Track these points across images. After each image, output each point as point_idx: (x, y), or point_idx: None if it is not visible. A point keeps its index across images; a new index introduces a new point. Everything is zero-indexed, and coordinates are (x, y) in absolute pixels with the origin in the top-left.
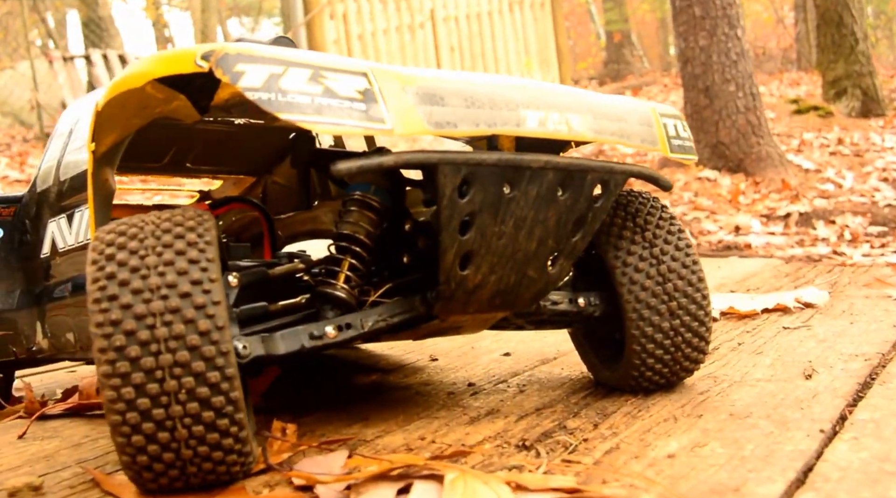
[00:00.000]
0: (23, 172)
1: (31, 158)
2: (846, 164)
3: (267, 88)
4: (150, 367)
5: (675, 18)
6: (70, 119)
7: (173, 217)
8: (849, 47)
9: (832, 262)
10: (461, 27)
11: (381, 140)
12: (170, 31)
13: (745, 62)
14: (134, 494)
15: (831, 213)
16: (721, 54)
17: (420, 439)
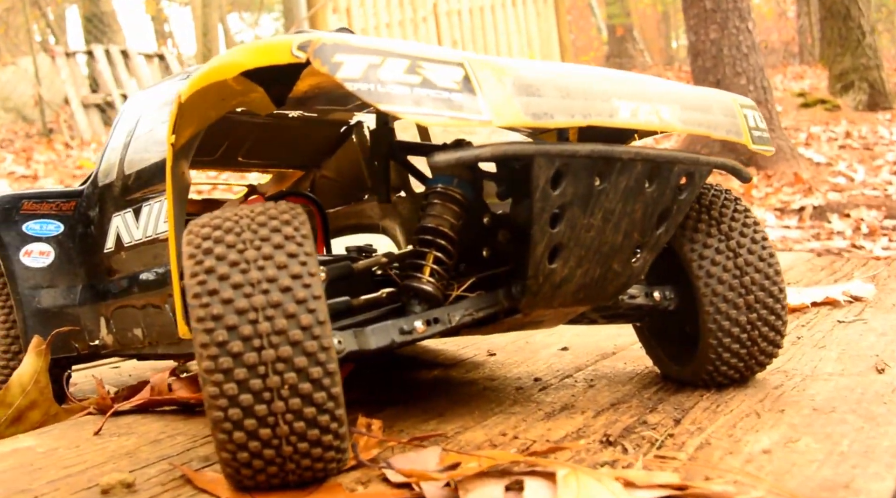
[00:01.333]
0: (29, 168)
1: (36, 154)
2: (856, 157)
3: (366, 79)
4: (252, 362)
5: (686, 11)
6: (132, 113)
7: (267, 210)
8: (856, 40)
9: (861, 255)
10: (464, 21)
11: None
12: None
13: (756, 55)
14: (229, 490)
15: (845, 206)
16: (732, 47)
17: (501, 435)
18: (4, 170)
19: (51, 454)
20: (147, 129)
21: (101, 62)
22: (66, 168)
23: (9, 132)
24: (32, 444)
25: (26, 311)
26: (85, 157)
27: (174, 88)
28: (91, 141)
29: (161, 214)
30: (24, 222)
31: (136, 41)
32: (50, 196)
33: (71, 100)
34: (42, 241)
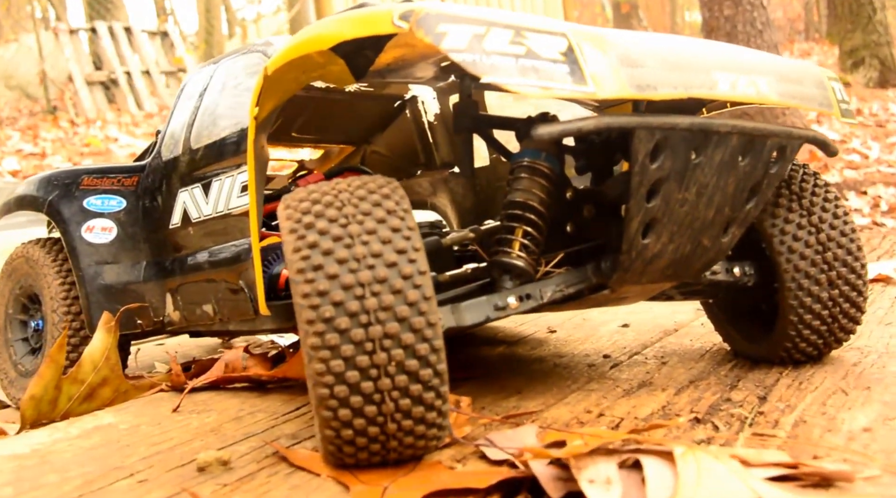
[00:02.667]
0: (36, 145)
1: (42, 132)
2: (869, 134)
3: (471, 49)
4: (359, 339)
5: None
6: (196, 87)
7: (365, 184)
8: (866, 17)
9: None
10: None
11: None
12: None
13: (771, 32)
14: (327, 467)
15: (862, 183)
16: (746, 24)
17: (587, 412)
18: (12, 147)
19: (134, 431)
20: (214, 103)
21: (104, 39)
22: (74, 145)
23: (13, 110)
24: (113, 421)
25: (89, 287)
26: (92, 135)
27: (241, 63)
28: (96, 119)
29: (234, 190)
30: (85, 198)
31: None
32: (111, 171)
33: (75, 77)
34: (104, 216)
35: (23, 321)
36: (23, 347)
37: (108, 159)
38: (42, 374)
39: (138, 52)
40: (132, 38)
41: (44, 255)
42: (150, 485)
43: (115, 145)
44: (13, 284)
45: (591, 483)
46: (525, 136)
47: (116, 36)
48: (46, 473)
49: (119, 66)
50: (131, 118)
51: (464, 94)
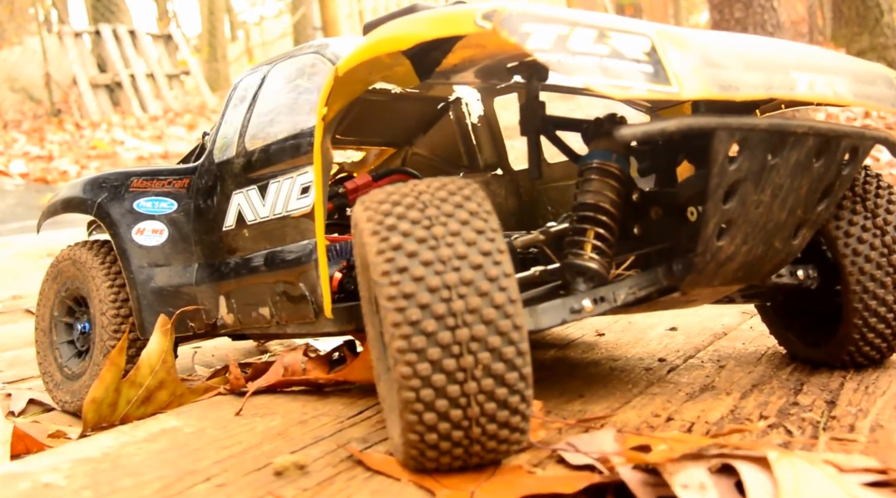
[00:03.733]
0: (43, 148)
1: (49, 135)
2: None
3: (556, 49)
4: (446, 342)
5: None
6: (248, 89)
7: (445, 186)
8: (874, 19)
9: None
10: None
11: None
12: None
13: (782, 34)
14: (407, 472)
15: None
16: (757, 26)
17: (655, 416)
18: (19, 150)
19: (200, 435)
20: (270, 105)
21: (108, 42)
22: (80, 148)
23: (17, 113)
24: (177, 424)
25: (140, 290)
26: (98, 138)
27: (296, 65)
28: (101, 121)
29: (293, 192)
30: (135, 200)
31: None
32: (161, 173)
33: (79, 80)
34: (155, 218)
35: (68, 324)
36: (68, 350)
37: (114, 162)
38: (103, 377)
39: (142, 54)
40: (136, 40)
41: (91, 257)
42: (230, 489)
43: (121, 148)
44: (58, 287)
45: (685, 488)
46: (594, 137)
47: (120, 39)
48: (121, 477)
49: (123, 68)
50: (136, 121)
51: (531, 95)
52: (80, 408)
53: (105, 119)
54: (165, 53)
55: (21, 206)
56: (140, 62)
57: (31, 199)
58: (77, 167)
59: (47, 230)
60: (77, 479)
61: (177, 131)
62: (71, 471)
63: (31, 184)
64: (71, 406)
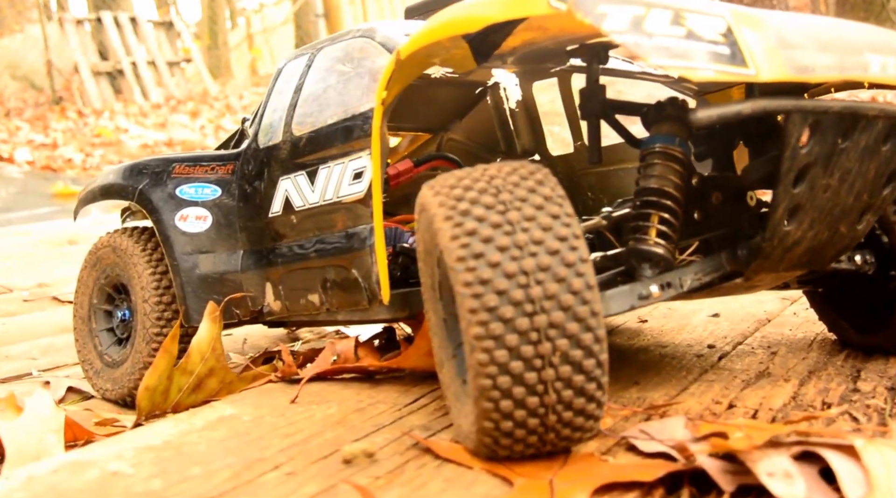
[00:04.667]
0: (47, 136)
1: (52, 123)
2: None
3: (632, 31)
4: (524, 328)
5: None
6: (293, 73)
7: (516, 170)
8: (880, 5)
9: None
10: None
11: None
12: None
13: None
14: (477, 459)
15: None
16: None
17: (716, 404)
18: (23, 138)
19: (259, 422)
20: (318, 90)
21: (110, 29)
22: (84, 136)
23: (18, 100)
24: (234, 412)
25: (184, 277)
26: (102, 125)
27: (345, 49)
28: (103, 109)
29: (345, 177)
30: (178, 186)
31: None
32: (203, 159)
33: (81, 68)
34: (198, 205)
35: (107, 312)
36: (108, 338)
37: (119, 150)
38: (156, 364)
39: (144, 42)
40: (137, 28)
41: (132, 244)
42: (300, 478)
43: (125, 136)
44: (97, 274)
45: (771, 476)
46: (656, 121)
47: (122, 26)
48: (189, 466)
49: (125, 56)
50: (139, 109)
51: (591, 79)
52: (121, 396)
53: (107, 107)
54: (167, 41)
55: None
56: (141, 49)
57: (39, 186)
58: (82, 155)
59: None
60: (144, 467)
61: (180, 119)
62: (136, 459)
63: (37, 172)
64: (112, 394)
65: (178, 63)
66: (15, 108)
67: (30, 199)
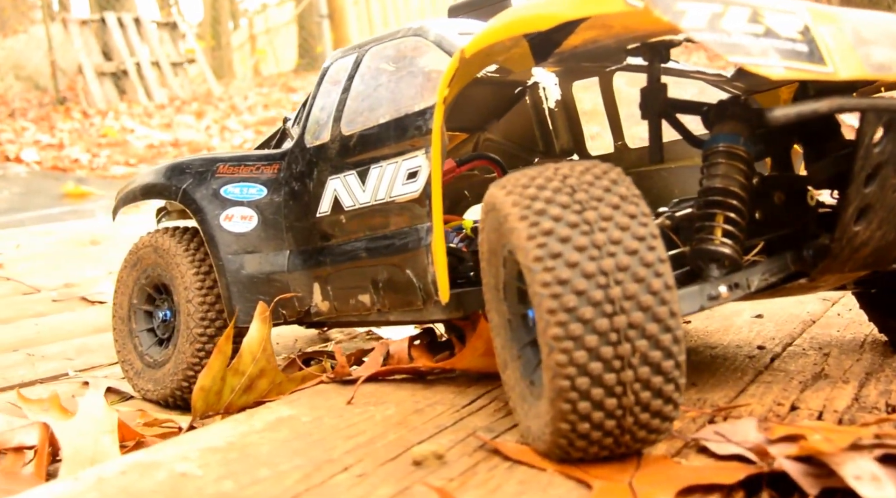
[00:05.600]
0: (53, 137)
1: (59, 123)
2: None
3: (711, 28)
4: (603, 329)
5: None
6: (340, 73)
7: (589, 169)
8: (886, 6)
9: None
10: None
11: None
12: None
13: None
14: (549, 462)
15: None
16: None
17: (778, 405)
18: (30, 138)
19: (319, 424)
20: (369, 89)
21: (114, 30)
22: (90, 137)
23: (22, 101)
24: (292, 413)
25: (229, 277)
26: (108, 126)
27: (396, 48)
28: (107, 110)
29: (398, 177)
30: (222, 186)
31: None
32: (248, 159)
33: (85, 69)
34: (243, 204)
35: (147, 312)
36: (148, 338)
37: (125, 150)
38: (211, 365)
39: (147, 42)
40: (141, 28)
41: (174, 244)
42: (372, 480)
43: (131, 136)
44: (138, 274)
45: (858, 480)
46: (718, 120)
47: (125, 27)
48: (257, 467)
49: (128, 57)
50: (144, 109)
51: (653, 77)
52: (163, 396)
53: (112, 107)
54: (170, 41)
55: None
56: (145, 50)
57: (48, 186)
58: (89, 155)
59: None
60: (211, 468)
61: (185, 120)
62: (202, 460)
63: (46, 172)
64: (154, 394)
65: (182, 64)
66: (19, 109)
67: (40, 199)
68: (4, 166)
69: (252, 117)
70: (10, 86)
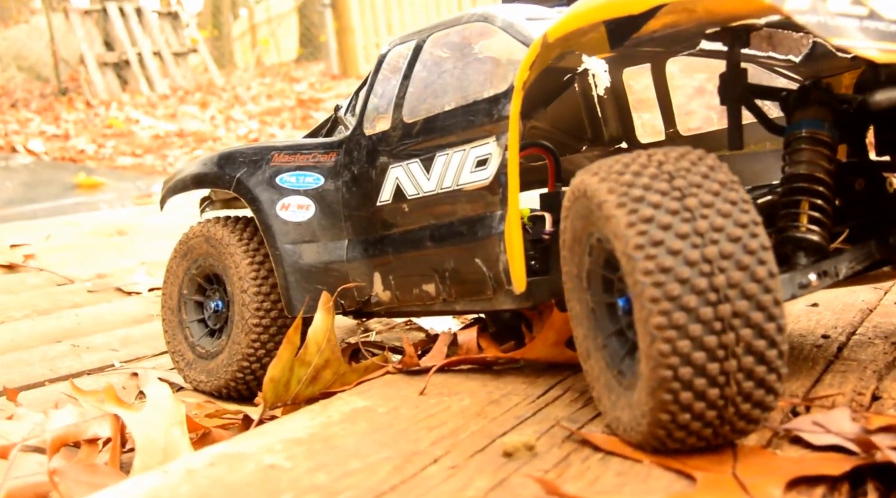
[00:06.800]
0: (59, 127)
1: (62, 113)
2: None
3: (814, 11)
4: (708, 318)
5: None
6: (399, 60)
7: (686, 155)
8: None
9: None
10: None
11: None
12: None
13: None
14: (644, 452)
15: None
16: None
17: (859, 395)
18: (35, 129)
19: (396, 415)
20: (432, 76)
21: (115, 20)
22: (95, 127)
23: (23, 91)
24: (366, 404)
25: (287, 267)
26: (113, 117)
27: (461, 34)
28: (110, 100)
29: (466, 165)
30: (278, 175)
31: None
32: (304, 147)
33: (87, 59)
34: (300, 193)
35: (198, 302)
36: (199, 329)
37: (131, 141)
38: (280, 355)
39: (149, 32)
40: (143, 18)
41: (227, 233)
42: (466, 472)
43: (136, 127)
44: (188, 264)
45: None
46: (800, 105)
47: (127, 16)
48: (346, 459)
49: (130, 47)
50: (147, 100)
51: (733, 63)
52: (217, 387)
53: (114, 98)
54: (172, 31)
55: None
56: (147, 40)
57: (57, 176)
58: (94, 146)
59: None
60: (299, 460)
61: (190, 110)
62: (287, 452)
63: (56, 162)
64: (206, 386)
65: (185, 54)
66: (22, 100)
67: (51, 189)
68: (11, 157)
69: (256, 107)
70: (11, 76)
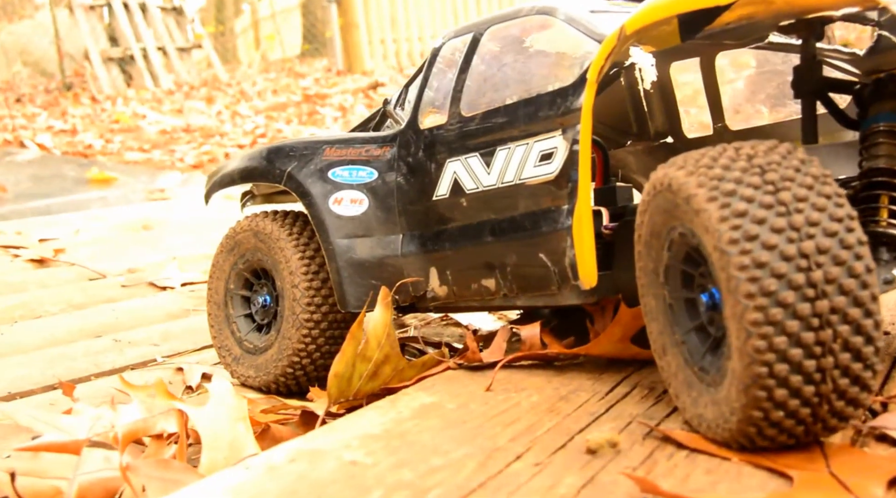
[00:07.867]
0: (66, 123)
1: (69, 108)
2: None
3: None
4: (805, 314)
5: None
6: (454, 53)
7: (775, 148)
8: None
9: None
10: None
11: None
12: None
13: None
14: (731, 450)
15: None
16: None
17: None
18: (42, 124)
19: (466, 411)
20: (492, 69)
21: (120, 15)
22: (103, 122)
23: (28, 86)
24: (434, 400)
25: (340, 262)
26: (120, 112)
27: (520, 26)
28: (115, 96)
29: (529, 159)
30: (330, 169)
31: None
32: (356, 141)
33: (92, 54)
34: (353, 188)
35: (244, 297)
36: (246, 324)
37: (138, 136)
38: (344, 351)
39: (153, 28)
40: (147, 13)
41: (277, 228)
42: (552, 469)
43: (143, 122)
44: (235, 259)
45: None
46: (877, 98)
47: (132, 12)
48: (427, 456)
49: (135, 42)
50: (152, 95)
51: (807, 56)
52: (266, 383)
53: (119, 93)
54: (176, 26)
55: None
56: (151, 35)
57: (69, 171)
58: (102, 141)
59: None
60: (379, 456)
61: (196, 105)
62: (365, 448)
63: (67, 157)
64: (255, 381)
65: (189, 49)
66: (27, 95)
67: (63, 183)
68: (20, 152)
69: (262, 103)
70: (17, 72)
